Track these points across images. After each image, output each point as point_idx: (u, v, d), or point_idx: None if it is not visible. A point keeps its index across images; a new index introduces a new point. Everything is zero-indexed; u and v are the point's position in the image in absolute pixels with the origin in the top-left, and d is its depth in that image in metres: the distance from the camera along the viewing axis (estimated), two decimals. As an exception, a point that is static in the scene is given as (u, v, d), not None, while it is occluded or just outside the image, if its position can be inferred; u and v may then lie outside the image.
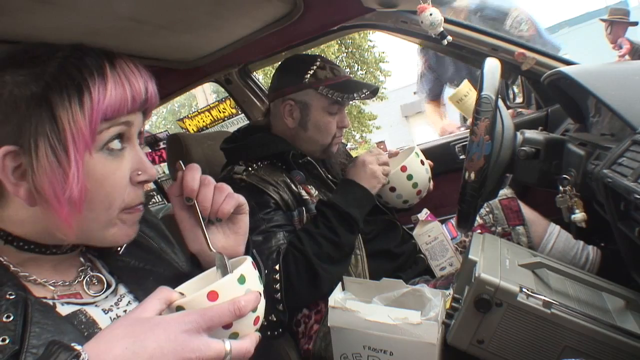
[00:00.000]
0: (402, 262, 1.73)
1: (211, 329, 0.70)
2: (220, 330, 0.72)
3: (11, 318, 0.69)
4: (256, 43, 1.87)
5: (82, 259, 0.89)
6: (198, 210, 0.90)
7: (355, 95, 1.67)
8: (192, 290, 0.79)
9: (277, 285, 1.38)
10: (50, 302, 0.78)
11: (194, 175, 0.90)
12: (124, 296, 0.89)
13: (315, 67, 1.67)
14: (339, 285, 1.31)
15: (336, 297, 1.24)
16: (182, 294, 0.76)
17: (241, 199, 0.96)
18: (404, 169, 1.64)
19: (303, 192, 1.61)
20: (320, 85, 1.65)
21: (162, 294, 0.74)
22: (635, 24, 5.89)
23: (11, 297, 0.72)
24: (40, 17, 1.23)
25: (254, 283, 0.79)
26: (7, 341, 0.67)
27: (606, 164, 0.99)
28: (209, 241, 0.90)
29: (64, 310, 0.78)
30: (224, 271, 0.84)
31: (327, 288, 1.38)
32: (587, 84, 1.17)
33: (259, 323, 0.79)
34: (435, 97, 3.03)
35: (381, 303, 1.25)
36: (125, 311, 0.86)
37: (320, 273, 1.40)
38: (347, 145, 2.25)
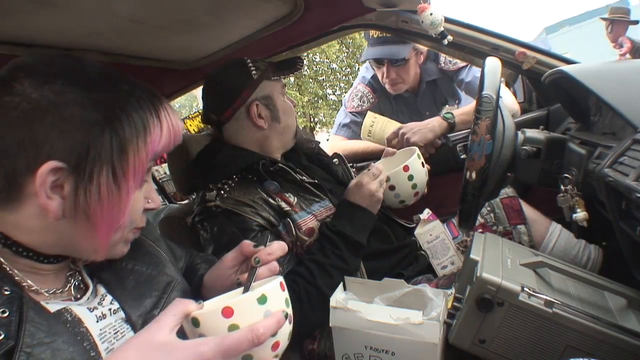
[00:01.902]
0: (400, 259, 1.72)
1: (227, 358, 0.69)
2: None
3: (6, 314, 0.69)
4: (256, 43, 1.87)
5: (70, 264, 0.91)
6: (254, 274, 0.90)
7: (297, 66, 1.71)
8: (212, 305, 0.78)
9: None
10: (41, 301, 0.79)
11: (274, 252, 0.95)
12: (104, 296, 0.89)
13: (250, 63, 1.64)
14: (341, 285, 1.31)
15: (338, 297, 1.24)
16: (199, 301, 0.76)
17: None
18: (406, 168, 1.63)
19: (282, 204, 1.56)
20: (269, 72, 1.64)
21: (178, 308, 0.73)
22: (635, 22, 5.90)
23: (7, 292, 0.72)
24: (41, 19, 1.23)
25: (277, 304, 0.76)
26: (2, 336, 0.67)
27: (607, 163, 0.99)
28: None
29: (51, 307, 0.79)
30: None
31: None
32: (587, 83, 1.16)
33: (280, 348, 0.77)
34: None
35: (383, 303, 1.25)
36: (110, 310, 0.87)
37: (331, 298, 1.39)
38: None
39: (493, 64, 1.25)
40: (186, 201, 2.34)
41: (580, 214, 1.18)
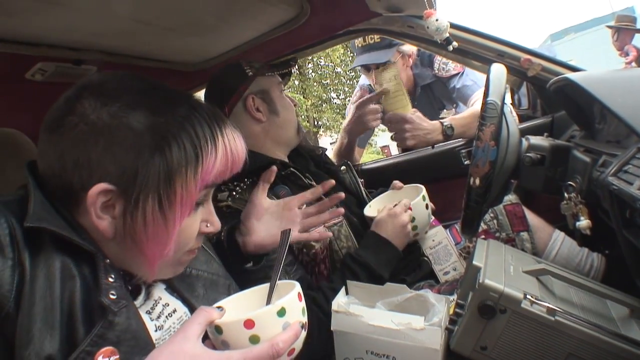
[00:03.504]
0: (403, 264, 1.71)
1: None
2: None
3: (115, 297, 0.76)
4: (262, 46, 1.87)
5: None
6: (274, 286, 0.90)
7: (291, 63, 1.77)
8: (233, 306, 0.84)
9: None
10: None
11: None
12: (159, 299, 0.92)
13: (244, 63, 1.69)
14: (343, 289, 1.31)
15: (339, 301, 1.23)
16: (220, 307, 0.80)
17: None
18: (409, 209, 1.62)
19: None
20: (264, 70, 1.67)
21: (202, 317, 0.76)
22: (641, 30, 5.88)
23: (112, 281, 0.78)
24: (46, 18, 1.23)
25: (295, 315, 0.80)
26: (115, 296, 0.75)
27: (612, 171, 0.99)
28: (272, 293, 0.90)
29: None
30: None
31: None
32: (593, 91, 1.16)
33: (294, 353, 0.81)
34: (363, 145, 2.85)
35: (384, 308, 1.25)
36: (166, 315, 0.90)
37: None
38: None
39: (498, 71, 1.25)
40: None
41: (584, 222, 1.18)
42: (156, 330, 0.85)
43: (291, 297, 0.80)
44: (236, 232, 1.33)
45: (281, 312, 0.77)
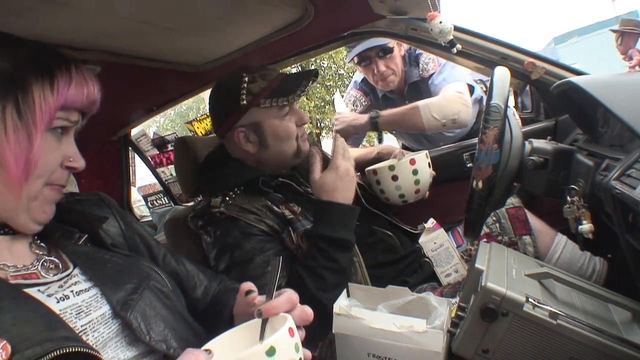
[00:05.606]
0: (404, 266, 1.71)
1: None
2: None
3: None
4: (266, 48, 1.87)
5: (37, 251, 0.92)
6: (265, 326, 0.86)
7: (298, 91, 1.59)
8: (227, 344, 0.81)
9: None
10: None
11: (279, 307, 0.89)
12: (77, 278, 0.91)
13: (245, 84, 1.59)
14: (344, 292, 1.31)
15: (341, 304, 1.23)
16: (208, 350, 0.75)
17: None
18: (412, 162, 1.69)
19: (286, 212, 1.56)
20: (261, 99, 1.58)
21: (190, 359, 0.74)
22: (646, 35, 5.88)
23: None
24: (53, 19, 1.24)
25: (286, 354, 0.74)
26: None
27: (615, 175, 0.99)
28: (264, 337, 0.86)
29: (11, 281, 0.82)
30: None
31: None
32: (596, 95, 1.16)
33: None
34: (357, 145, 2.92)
35: (386, 310, 1.25)
36: (72, 291, 0.88)
37: (327, 305, 1.30)
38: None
39: (502, 74, 1.25)
40: (191, 203, 2.35)
41: (586, 226, 1.17)
42: (58, 302, 0.83)
43: (281, 334, 0.74)
44: None
45: (271, 352, 0.71)
